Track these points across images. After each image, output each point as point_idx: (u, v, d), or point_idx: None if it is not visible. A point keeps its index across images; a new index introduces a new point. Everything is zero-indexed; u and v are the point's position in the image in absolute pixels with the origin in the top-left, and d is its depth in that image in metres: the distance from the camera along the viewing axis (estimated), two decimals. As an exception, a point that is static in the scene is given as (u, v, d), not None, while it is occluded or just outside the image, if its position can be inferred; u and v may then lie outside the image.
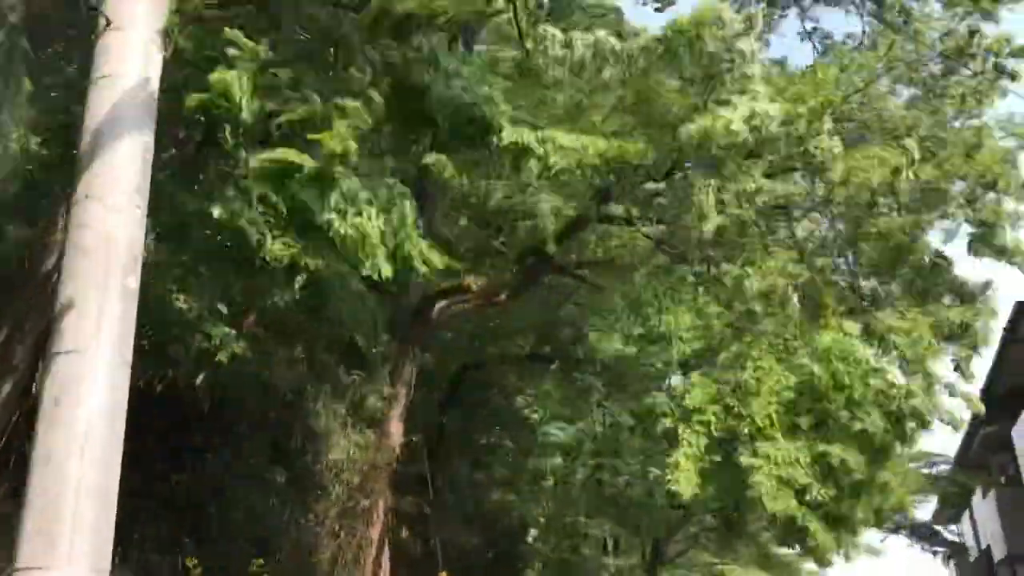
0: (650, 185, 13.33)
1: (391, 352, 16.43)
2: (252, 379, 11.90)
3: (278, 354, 12.72)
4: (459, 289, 15.84)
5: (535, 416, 23.00)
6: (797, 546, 18.47)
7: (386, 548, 16.65)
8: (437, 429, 20.45)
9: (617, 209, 13.89)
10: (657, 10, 17.29)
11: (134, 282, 6.20)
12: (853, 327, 14.43)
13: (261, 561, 11.39)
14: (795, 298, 13.63)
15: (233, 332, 10.06)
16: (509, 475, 21.92)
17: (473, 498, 18.82)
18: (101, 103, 6.55)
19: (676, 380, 15.44)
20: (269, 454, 13.23)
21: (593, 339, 19.16)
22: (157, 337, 9.49)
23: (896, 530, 32.28)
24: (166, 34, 6.99)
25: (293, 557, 13.44)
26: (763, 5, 16.88)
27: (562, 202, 13.98)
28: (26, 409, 10.01)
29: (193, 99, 8.35)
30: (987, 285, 16.50)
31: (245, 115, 8.38)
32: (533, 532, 25.66)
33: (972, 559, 38.03)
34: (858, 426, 13.26)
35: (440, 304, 16.23)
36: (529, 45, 11.21)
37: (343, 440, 14.69)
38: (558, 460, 21.66)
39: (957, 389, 16.31)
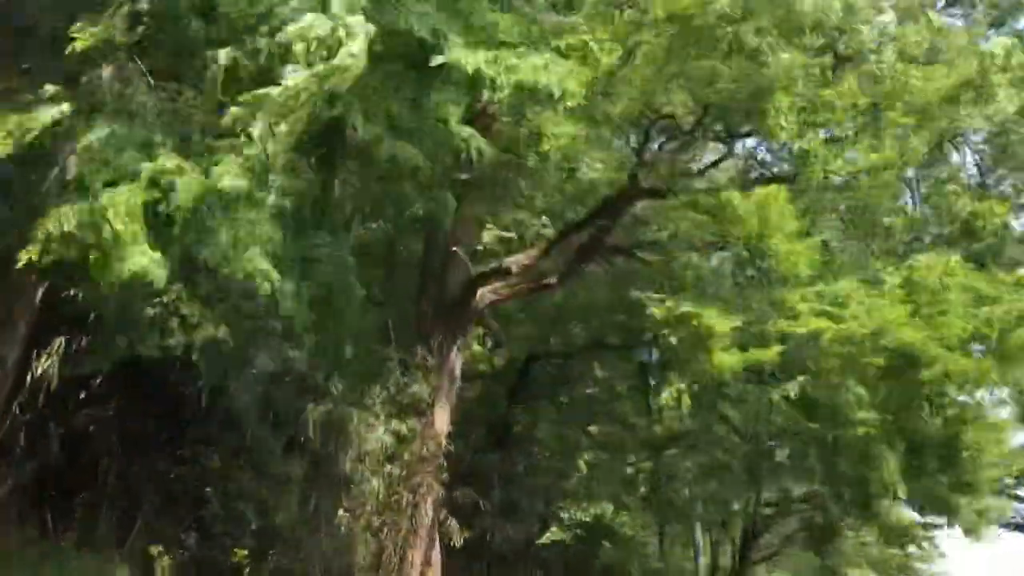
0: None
1: (435, 341, 15.83)
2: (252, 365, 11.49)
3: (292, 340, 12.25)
4: (499, 273, 15.18)
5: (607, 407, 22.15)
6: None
7: (436, 545, 16.16)
8: (502, 421, 19.85)
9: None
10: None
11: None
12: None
13: (245, 552, 10.96)
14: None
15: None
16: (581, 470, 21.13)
17: (544, 495, 18.12)
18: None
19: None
20: (282, 445, 12.80)
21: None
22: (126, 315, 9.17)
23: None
24: None
25: (319, 554, 12.99)
26: None
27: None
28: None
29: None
30: None
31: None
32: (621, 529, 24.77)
33: None
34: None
35: (483, 290, 15.60)
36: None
37: (379, 431, 14.13)
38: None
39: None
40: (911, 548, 29.71)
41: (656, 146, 14.75)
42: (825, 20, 11.86)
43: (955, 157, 16.86)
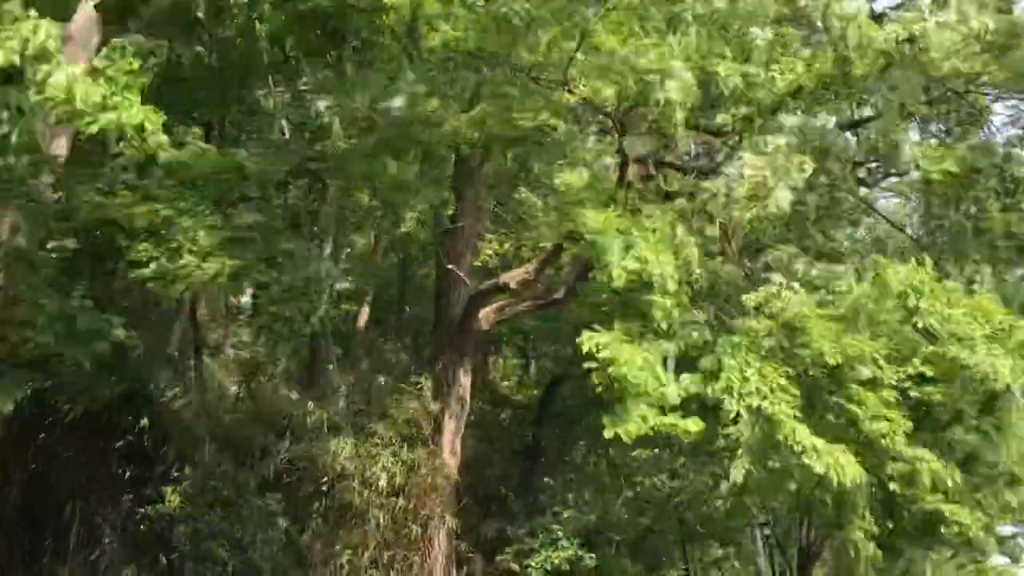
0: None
1: (440, 366, 15.26)
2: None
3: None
4: (498, 290, 14.54)
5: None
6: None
7: (453, 576, 15.48)
8: (526, 447, 19.08)
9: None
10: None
11: None
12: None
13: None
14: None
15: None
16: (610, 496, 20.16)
17: (573, 519, 17.18)
18: None
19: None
20: (257, 481, 12.23)
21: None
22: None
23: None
24: None
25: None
26: None
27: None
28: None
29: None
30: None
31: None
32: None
33: None
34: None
35: (486, 309, 14.97)
36: None
37: (381, 461, 13.55)
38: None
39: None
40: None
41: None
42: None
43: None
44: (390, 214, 14.70)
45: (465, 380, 15.34)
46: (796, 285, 11.11)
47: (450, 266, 15.17)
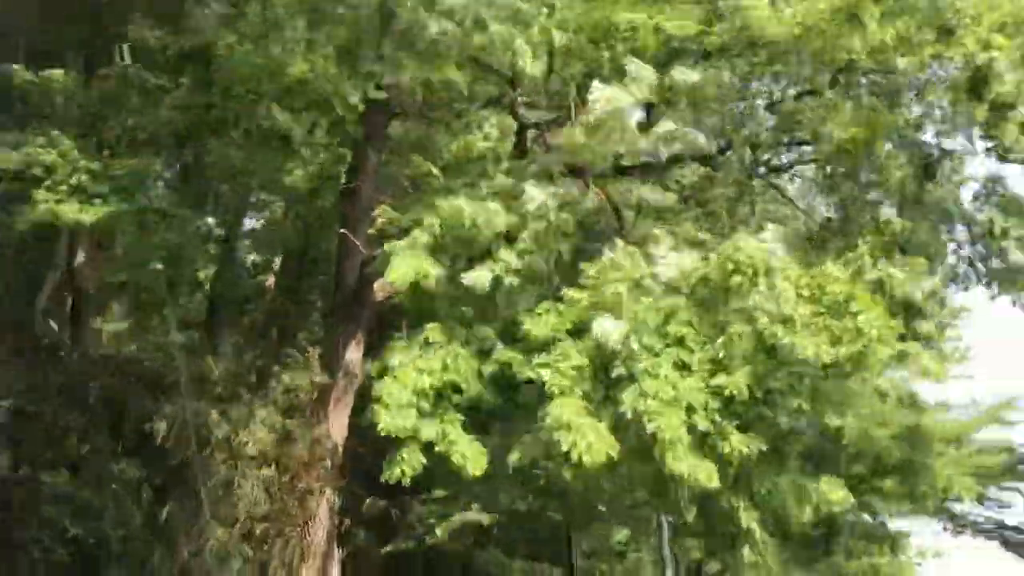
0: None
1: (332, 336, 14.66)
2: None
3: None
4: (395, 258, 13.92)
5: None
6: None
7: (335, 560, 14.90)
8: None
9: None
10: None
11: None
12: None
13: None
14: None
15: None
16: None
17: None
18: None
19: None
20: (113, 444, 11.55)
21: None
22: None
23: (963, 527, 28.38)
24: None
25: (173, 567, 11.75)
26: None
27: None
28: None
29: None
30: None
31: None
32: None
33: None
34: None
35: (382, 279, 14.37)
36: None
37: (258, 432, 12.91)
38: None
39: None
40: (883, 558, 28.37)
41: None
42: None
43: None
44: (269, 171, 14.01)
45: (356, 352, 14.74)
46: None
47: (343, 230, 14.47)
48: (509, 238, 11.65)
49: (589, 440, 10.36)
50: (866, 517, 23.31)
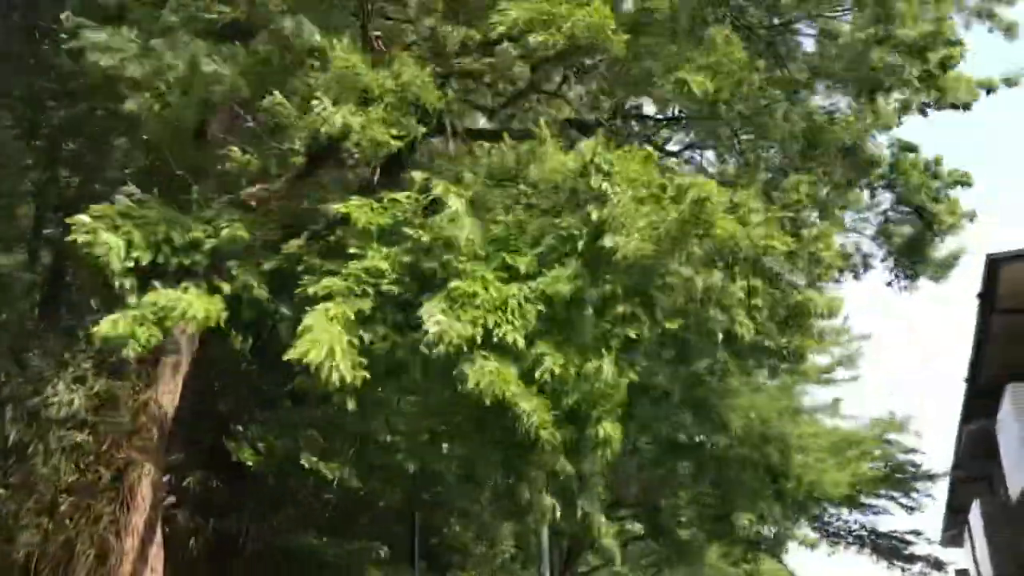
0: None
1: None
2: None
3: None
4: (243, 207, 12.53)
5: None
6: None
7: (157, 542, 13.43)
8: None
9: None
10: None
11: None
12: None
13: None
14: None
15: None
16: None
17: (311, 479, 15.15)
18: None
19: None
20: None
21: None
22: None
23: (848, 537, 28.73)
24: None
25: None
26: None
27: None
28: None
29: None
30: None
31: None
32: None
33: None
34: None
35: (226, 232, 12.94)
36: None
37: (63, 392, 11.39)
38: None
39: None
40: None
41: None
42: None
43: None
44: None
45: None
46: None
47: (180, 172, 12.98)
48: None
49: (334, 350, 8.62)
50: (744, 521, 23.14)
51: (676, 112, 14.64)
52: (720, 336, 12.08)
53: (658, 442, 19.19)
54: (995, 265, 16.83)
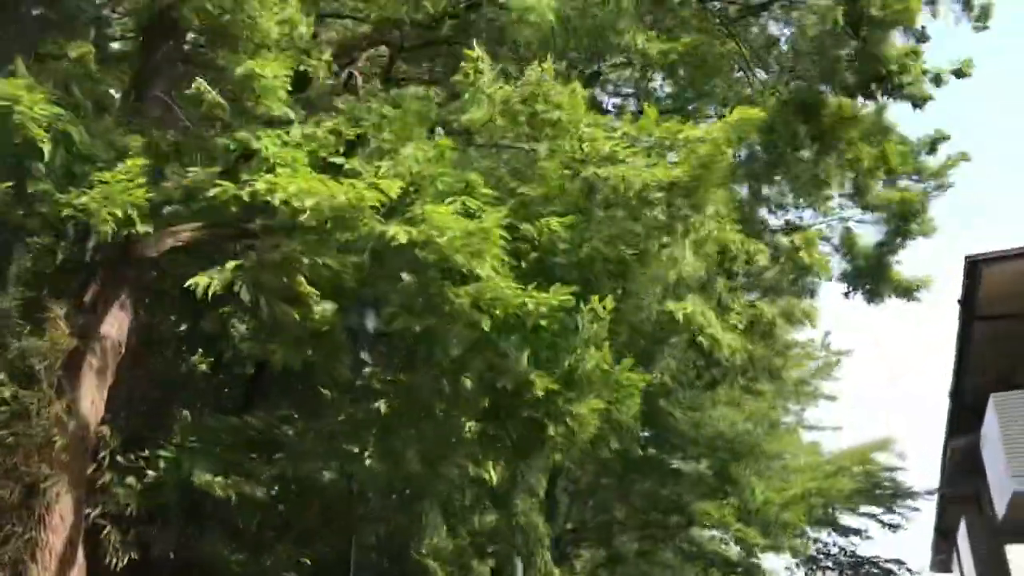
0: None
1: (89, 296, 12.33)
2: None
3: None
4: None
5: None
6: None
7: (79, 560, 12.56)
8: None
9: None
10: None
11: None
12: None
13: None
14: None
15: None
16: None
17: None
18: None
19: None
20: None
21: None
22: None
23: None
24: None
25: None
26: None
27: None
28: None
29: None
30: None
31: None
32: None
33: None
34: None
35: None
36: None
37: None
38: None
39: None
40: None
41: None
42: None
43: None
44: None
45: (120, 314, 12.47)
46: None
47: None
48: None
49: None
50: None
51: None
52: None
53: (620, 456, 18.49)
54: (976, 268, 16.04)
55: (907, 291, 17.92)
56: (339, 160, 10.65)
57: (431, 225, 9.77)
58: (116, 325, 12.53)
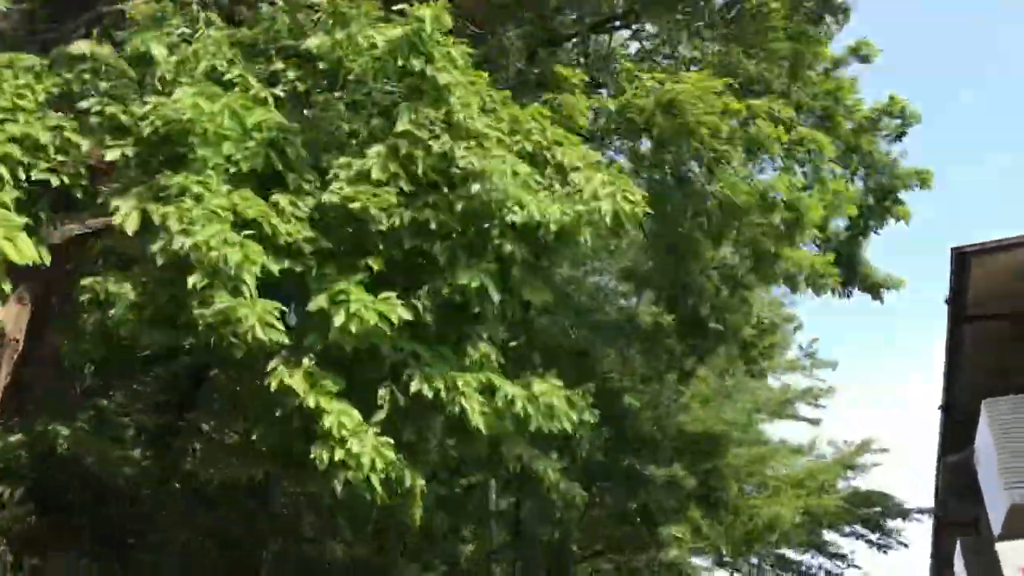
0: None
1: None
2: None
3: None
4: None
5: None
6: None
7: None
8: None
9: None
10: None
11: None
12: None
13: None
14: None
15: None
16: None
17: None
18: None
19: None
20: None
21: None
22: None
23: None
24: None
25: None
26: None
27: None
28: None
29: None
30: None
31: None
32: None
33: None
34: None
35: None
36: None
37: None
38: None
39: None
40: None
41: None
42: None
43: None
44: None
45: (15, 307, 11.28)
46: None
47: None
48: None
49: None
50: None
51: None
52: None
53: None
54: (964, 260, 14.43)
55: (875, 288, 17.05)
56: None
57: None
58: (14, 321, 11.37)
